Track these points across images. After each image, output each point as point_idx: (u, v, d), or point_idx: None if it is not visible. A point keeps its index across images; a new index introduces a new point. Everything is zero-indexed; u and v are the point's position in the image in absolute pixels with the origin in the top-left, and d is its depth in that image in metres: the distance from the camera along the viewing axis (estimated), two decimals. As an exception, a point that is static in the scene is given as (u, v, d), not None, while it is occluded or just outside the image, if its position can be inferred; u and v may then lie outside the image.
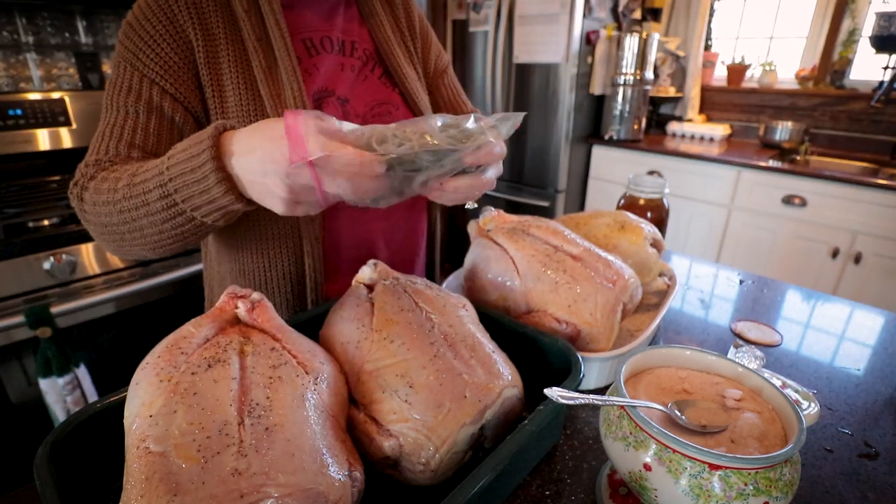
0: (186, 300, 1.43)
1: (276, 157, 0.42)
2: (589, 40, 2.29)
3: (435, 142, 0.46)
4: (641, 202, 0.91)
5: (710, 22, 2.65)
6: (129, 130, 0.59)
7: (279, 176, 0.43)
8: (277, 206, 0.46)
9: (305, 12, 0.68)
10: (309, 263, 0.68)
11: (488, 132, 0.48)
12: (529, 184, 2.57)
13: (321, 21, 0.70)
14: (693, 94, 2.65)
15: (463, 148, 0.47)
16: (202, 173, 0.46)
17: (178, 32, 0.61)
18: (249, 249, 0.69)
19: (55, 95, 1.58)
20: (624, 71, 2.34)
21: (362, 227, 0.74)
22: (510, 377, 0.49)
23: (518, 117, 0.49)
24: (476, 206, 0.59)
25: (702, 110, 2.74)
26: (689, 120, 2.67)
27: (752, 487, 0.34)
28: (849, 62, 2.28)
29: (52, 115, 1.57)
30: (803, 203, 1.95)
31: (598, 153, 2.52)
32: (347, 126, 0.44)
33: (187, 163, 0.47)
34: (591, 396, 0.40)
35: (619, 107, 2.41)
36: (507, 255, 0.65)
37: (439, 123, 0.47)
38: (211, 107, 0.63)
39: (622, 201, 0.94)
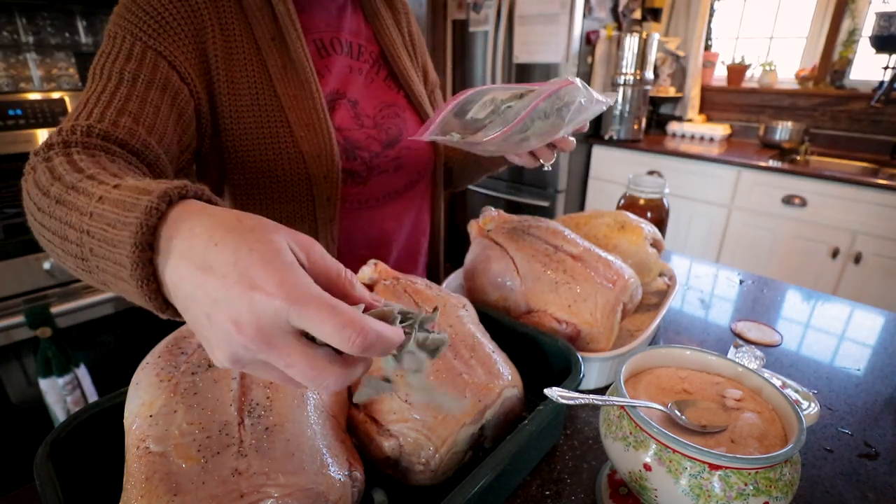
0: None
1: (236, 318, 0.25)
2: (589, 40, 2.29)
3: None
4: (641, 202, 0.91)
5: (710, 22, 2.65)
6: (122, 97, 0.49)
7: (229, 343, 0.26)
8: (215, 361, 0.28)
9: (314, 14, 0.68)
10: None
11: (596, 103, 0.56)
12: (529, 184, 2.57)
13: (330, 23, 0.70)
14: (693, 94, 2.65)
15: (590, 109, 0.55)
16: (119, 261, 0.30)
17: (192, 13, 0.57)
18: None
19: (55, 95, 1.58)
20: (624, 71, 2.34)
21: (375, 227, 0.75)
22: (510, 377, 0.49)
23: (612, 98, 0.58)
24: (550, 168, 0.71)
25: (702, 110, 2.74)
26: (689, 120, 2.67)
27: (752, 487, 0.34)
28: (849, 62, 2.28)
29: (52, 115, 1.57)
30: (803, 203, 1.95)
31: (598, 153, 2.52)
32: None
33: (109, 232, 0.30)
34: (591, 396, 0.40)
35: (619, 107, 2.41)
36: (507, 255, 0.65)
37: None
38: (223, 103, 0.61)
39: (622, 201, 0.94)
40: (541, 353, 0.56)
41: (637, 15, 2.54)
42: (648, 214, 0.90)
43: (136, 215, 0.29)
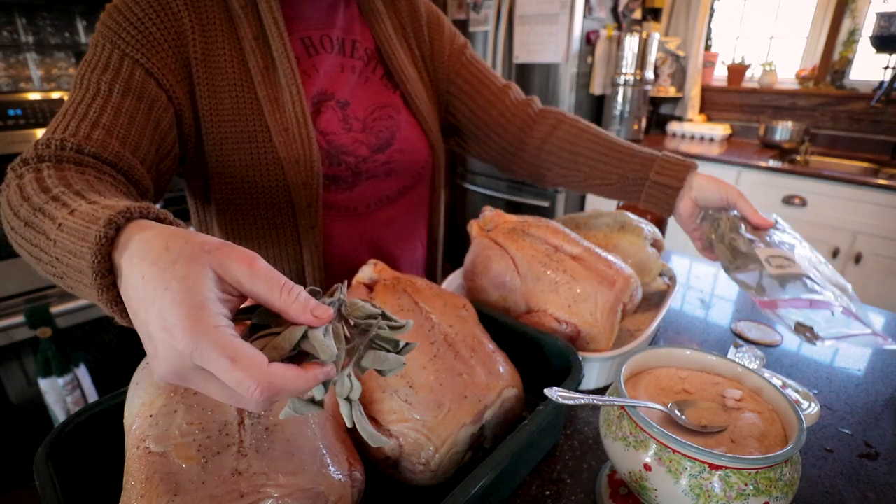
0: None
1: (155, 353, 0.27)
2: (589, 40, 2.29)
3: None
4: (641, 202, 0.91)
5: (710, 22, 2.65)
6: (97, 109, 0.50)
7: (156, 369, 0.27)
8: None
9: (305, 9, 0.65)
10: (309, 272, 0.67)
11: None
12: (529, 184, 2.57)
13: (321, 19, 0.67)
14: (693, 94, 2.65)
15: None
16: (87, 284, 0.32)
17: (171, 18, 0.57)
18: None
19: (55, 95, 1.58)
20: (624, 71, 2.34)
21: (365, 234, 0.72)
22: (510, 377, 0.49)
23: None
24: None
25: (702, 110, 2.73)
26: (690, 120, 2.67)
27: (752, 487, 0.34)
28: (849, 62, 2.28)
29: (52, 115, 1.57)
30: (803, 203, 1.95)
31: (598, 153, 2.52)
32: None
33: (72, 260, 0.32)
34: (591, 396, 0.40)
35: (619, 107, 2.41)
36: (507, 255, 0.65)
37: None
38: (204, 107, 0.59)
39: (622, 201, 0.94)
40: (541, 353, 0.56)
41: (637, 15, 2.54)
42: (648, 215, 0.90)
43: (89, 245, 0.31)
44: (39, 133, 1.56)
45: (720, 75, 2.72)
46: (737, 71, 2.58)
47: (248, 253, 0.29)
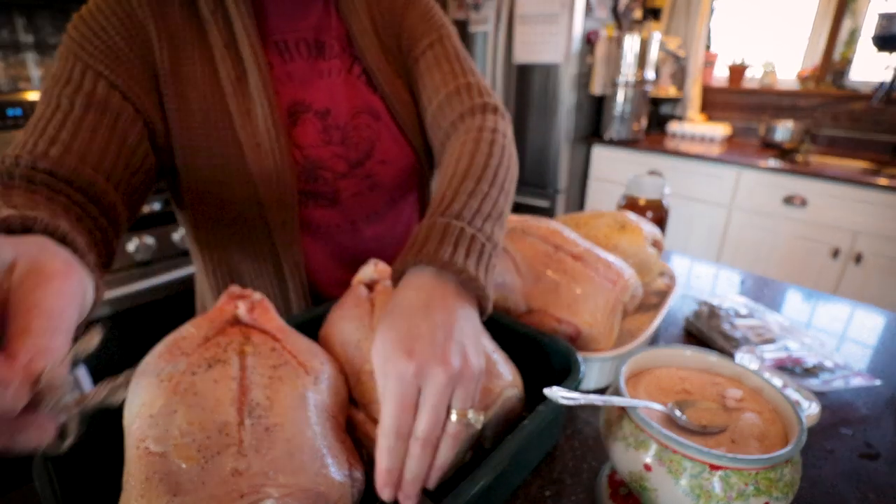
0: (185, 301, 1.43)
1: None
2: (589, 40, 2.29)
3: None
4: (641, 202, 0.91)
5: (710, 22, 2.65)
6: (56, 125, 0.49)
7: None
8: None
9: (279, 12, 0.62)
10: (293, 289, 0.65)
11: None
12: (529, 184, 2.57)
13: (296, 19, 0.63)
14: (693, 94, 2.65)
15: None
16: None
17: (136, 27, 0.55)
18: (226, 271, 0.64)
19: (55, 95, 1.58)
20: (624, 71, 2.34)
21: (354, 250, 0.69)
22: (510, 377, 0.49)
23: None
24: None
25: (702, 110, 2.74)
26: (690, 120, 2.67)
27: (752, 488, 0.34)
28: (850, 62, 2.28)
29: (52, 115, 1.57)
30: (804, 203, 1.95)
31: (598, 153, 2.52)
32: None
33: None
34: (592, 396, 0.40)
35: (620, 107, 2.41)
36: (508, 254, 0.65)
37: None
38: (173, 119, 0.57)
39: (622, 201, 0.94)
40: (541, 353, 0.55)
41: (637, 15, 2.54)
42: (648, 214, 0.90)
43: None
44: (39, 133, 1.56)
45: (720, 75, 2.72)
46: (737, 71, 2.58)
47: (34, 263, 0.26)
